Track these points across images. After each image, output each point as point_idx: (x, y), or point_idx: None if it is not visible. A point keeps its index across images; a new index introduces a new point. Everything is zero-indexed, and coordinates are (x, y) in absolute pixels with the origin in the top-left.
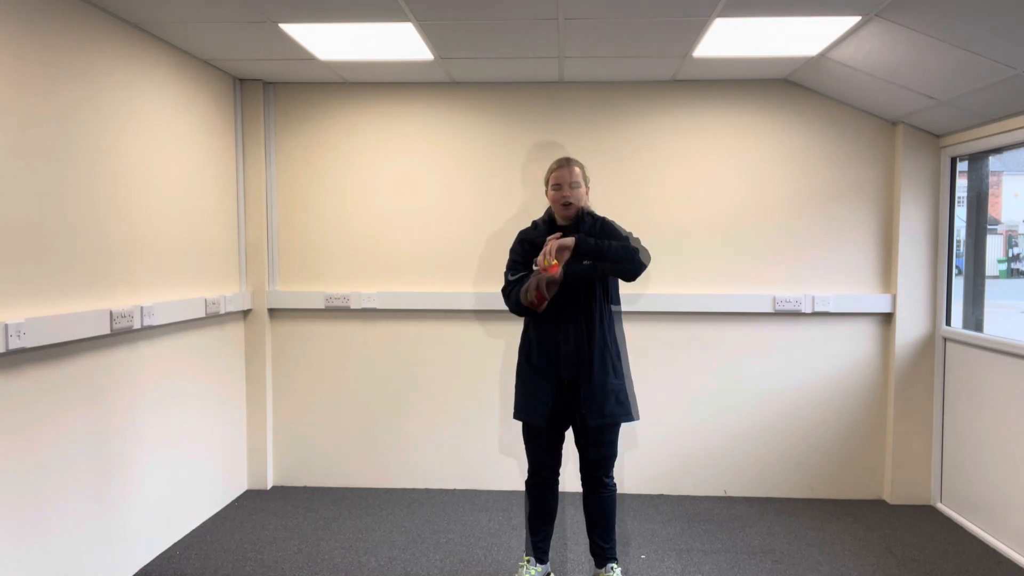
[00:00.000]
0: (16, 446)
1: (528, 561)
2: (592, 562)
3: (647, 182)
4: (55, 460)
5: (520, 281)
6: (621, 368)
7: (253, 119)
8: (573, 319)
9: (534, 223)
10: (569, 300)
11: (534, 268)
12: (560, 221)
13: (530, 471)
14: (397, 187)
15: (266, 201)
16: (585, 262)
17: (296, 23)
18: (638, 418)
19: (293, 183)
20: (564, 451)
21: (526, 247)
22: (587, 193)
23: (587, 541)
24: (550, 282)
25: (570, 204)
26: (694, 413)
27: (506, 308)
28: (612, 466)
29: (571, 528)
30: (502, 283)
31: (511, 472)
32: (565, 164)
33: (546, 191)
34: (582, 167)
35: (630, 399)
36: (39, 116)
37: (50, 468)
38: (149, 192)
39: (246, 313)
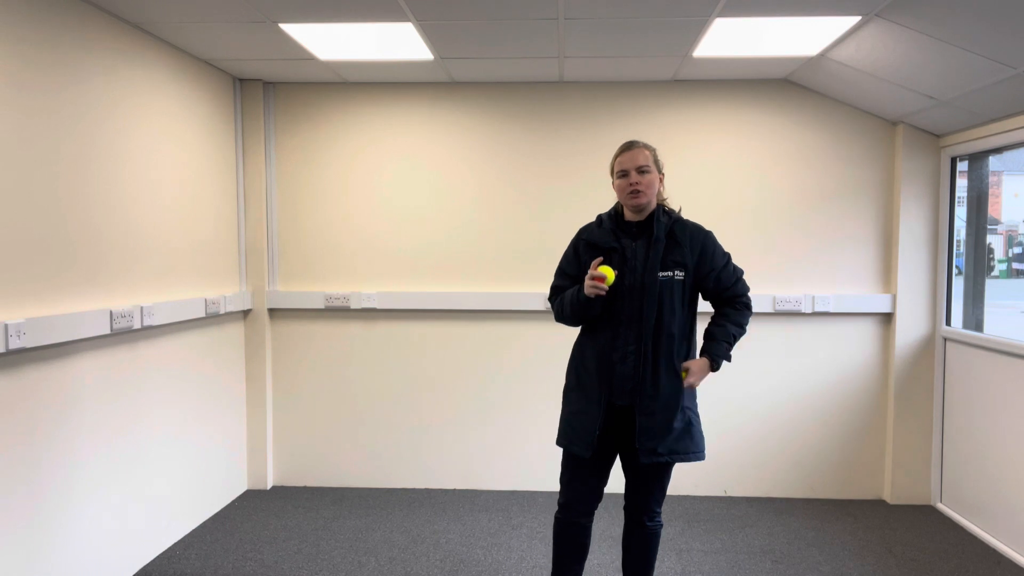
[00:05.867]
0: (16, 446)
1: None
2: None
3: None
4: (55, 460)
5: (566, 290)
6: (689, 400)
7: (253, 119)
8: (636, 334)
9: (599, 218)
10: (633, 309)
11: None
12: (629, 216)
13: (562, 504)
14: (397, 187)
15: (266, 201)
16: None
17: (296, 23)
18: (704, 457)
19: (293, 183)
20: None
21: (582, 251)
22: (662, 182)
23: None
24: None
25: (639, 193)
26: None
27: (505, 308)
28: (660, 505)
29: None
30: (502, 282)
31: (511, 472)
32: (631, 147)
33: (613, 182)
34: (653, 151)
35: (696, 435)
36: (39, 116)
37: (50, 468)
38: (149, 192)
39: (246, 313)
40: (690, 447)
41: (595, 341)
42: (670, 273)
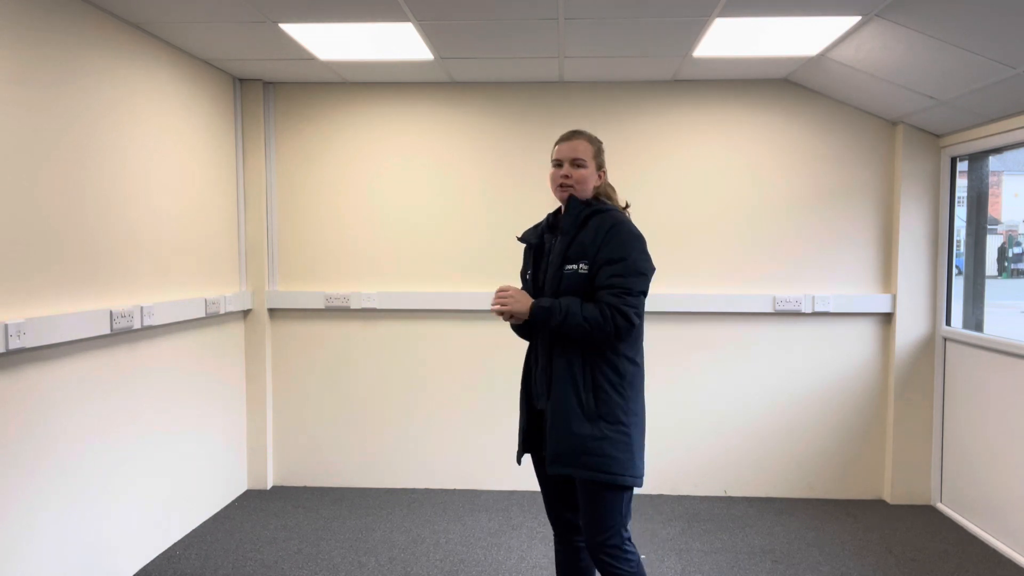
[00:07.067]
0: (16, 445)
1: None
2: None
3: (647, 182)
4: (55, 460)
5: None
6: (605, 410)
7: (253, 119)
8: (544, 334)
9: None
10: None
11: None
12: (564, 210)
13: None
14: (397, 187)
15: (266, 201)
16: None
17: (296, 23)
18: (635, 483)
19: (293, 183)
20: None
21: (527, 247)
22: (602, 178)
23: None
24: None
25: (567, 187)
26: (694, 413)
27: None
28: (612, 540)
29: None
30: (503, 282)
31: (511, 472)
32: (571, 136)
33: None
34: (597, 145)
35: (610, 453)
36: (38, 116)
37: (49, 468)
38: (149, 192)
39: (246, 313)
40: (599, 464)
41: (532, 339)
42: (574, 266)
